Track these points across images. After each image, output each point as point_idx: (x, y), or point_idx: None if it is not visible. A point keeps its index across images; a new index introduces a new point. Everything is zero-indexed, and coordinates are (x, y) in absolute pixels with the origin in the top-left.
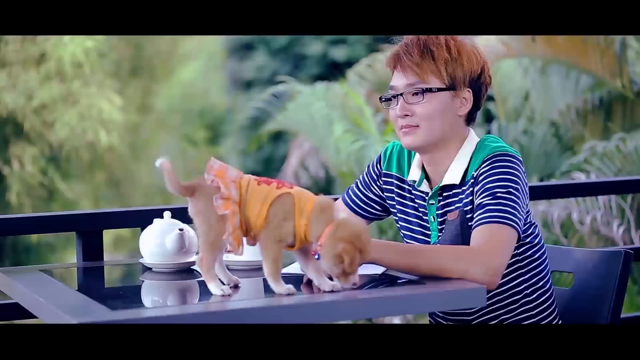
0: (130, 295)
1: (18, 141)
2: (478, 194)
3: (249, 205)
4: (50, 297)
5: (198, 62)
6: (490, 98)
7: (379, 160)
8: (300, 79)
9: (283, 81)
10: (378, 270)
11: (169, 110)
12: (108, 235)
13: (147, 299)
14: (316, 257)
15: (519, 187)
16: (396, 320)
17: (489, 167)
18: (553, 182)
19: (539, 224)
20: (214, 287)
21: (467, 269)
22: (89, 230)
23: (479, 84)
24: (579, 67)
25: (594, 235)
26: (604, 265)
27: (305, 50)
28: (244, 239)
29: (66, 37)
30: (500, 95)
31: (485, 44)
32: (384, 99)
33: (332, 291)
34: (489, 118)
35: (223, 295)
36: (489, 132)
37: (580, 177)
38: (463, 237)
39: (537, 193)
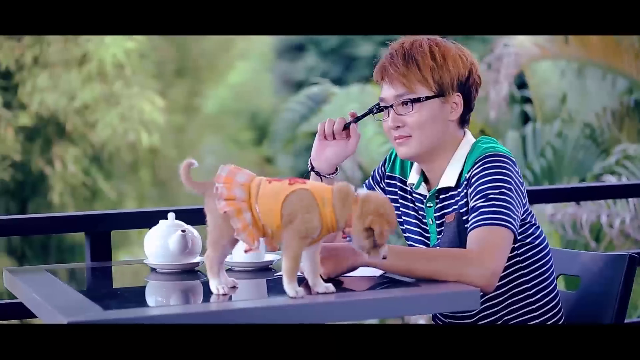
0: (127, 295)
1: (60, 141)
2: (471, 196)
3: (261, 204)
4: (49, 296)
5: (247, 63)
6: (528, 100)
7: (384, 163)
8: (351, 80)
9: (317, 83)
10: (376, 272)
11: (216, 111)
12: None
13: (145, 299)
14: (347, 239)
15: (511, 187)
16: (421, 321)
17: (480, 168)
18: (582, 184)
19: (569, 227)
20: (212, 285)
21: (464, 272)
22: (97, 231)
23: (468, 87)
24: (615, 69)
25: (623, 238)
26: (609, 269)
27: (355, 52)
28: (262, 239)
29: (107, 39)
30: (538, 97)
31: (519, 45)
32: (375, 112)
33: (325, 293)
34: (526, 120)
35: (218, 294)
36: (524, 135)
37: (610, 180)
38: (460, 239)
39: (566, 195)
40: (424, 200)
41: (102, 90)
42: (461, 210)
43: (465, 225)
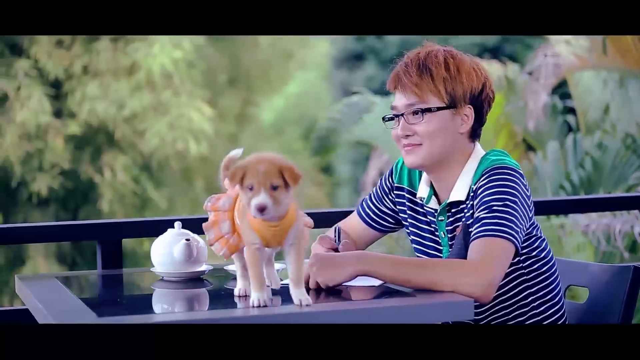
0: (127, 302)
1: (109, 150)
2: (476, 207)
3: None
4: (49, 303)
5: (305, 72)
6: (571, 110)
7: (390, 174)
8: None
9: (357, 92)
10: (375, 282)
11: (272, 120)
12: None
13: (144, 306)
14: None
15: (516, 199)
16: None
17: (486, 180)
18: (614, 194)
19: (602, 237)
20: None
21: (459, 282)
22: (108, 239)
23: (480, 100)
24: None
25: None
26: (615, 280)
27: None
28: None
29: (155, 48)
30: (581, 107)
31: (558, 56)
32: (387, 119)
33: (300, 305)
34: (570, 130)
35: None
36: (564, 146)
37: None
38: (467, 250)
39: (598, 205)
40: (436, 214)
41: (150, 99)
42: (467, 222)
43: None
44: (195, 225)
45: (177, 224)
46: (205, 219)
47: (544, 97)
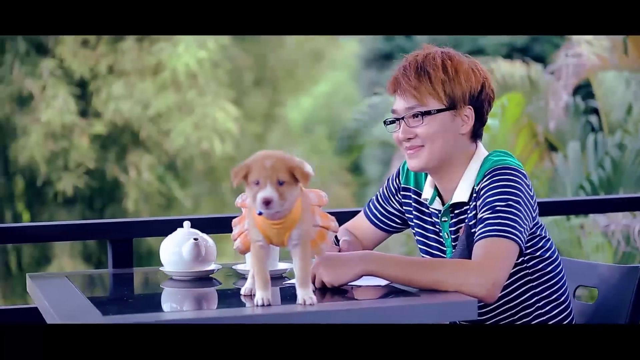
0: (132, 301)
1: (135, 149)
2: (479, 208)
3: None
4: (56, 301)
5: (334, 72)
6: (594, 111)
7: (397, 175)
8: None
9: (378, 92)
10: (381, 282)
11: (299, 120)
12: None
13: (149, 305)
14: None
15: (519, 199)
16: None
17: (488, 181)
18: (630, 194)
19: (621, 238)
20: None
21: (464, 283)
22: (119, 238)
23: (480, 100)
24: None
25: None
26: (623, 281)
27: None
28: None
29: (180, 48)
30: (604, 108)
31: (579, 56)
32: (388, 123)
33: (304, 304)
34: (593, 130)
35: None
36: (585, 146)
37: None
38: (469, 251)
39: (614, 205)
40: (439, 215)
41: (175, 98)
42: (470, 223)
43: (473, 238)
44: (204, 224)
45: (186, 224)
46: (211, 219)
47: (565, 97)
